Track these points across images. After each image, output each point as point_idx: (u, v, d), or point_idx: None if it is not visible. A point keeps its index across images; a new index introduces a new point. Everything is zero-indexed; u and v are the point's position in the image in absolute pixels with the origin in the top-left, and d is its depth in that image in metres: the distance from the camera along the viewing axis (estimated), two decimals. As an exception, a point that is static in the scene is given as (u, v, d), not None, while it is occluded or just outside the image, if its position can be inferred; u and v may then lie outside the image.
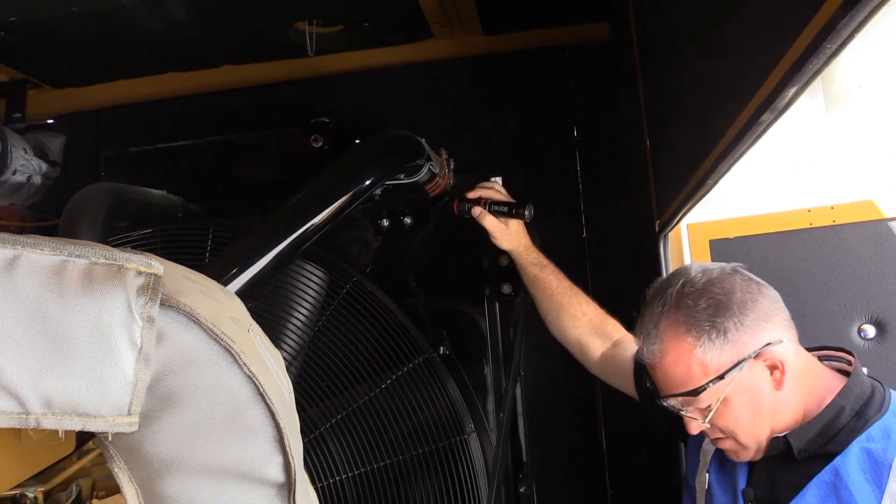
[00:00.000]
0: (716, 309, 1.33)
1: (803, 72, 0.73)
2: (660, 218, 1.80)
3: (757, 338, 1.32)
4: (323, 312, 1.82)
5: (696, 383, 1.34)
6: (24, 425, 0.67)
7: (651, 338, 1.39)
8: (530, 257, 1.87)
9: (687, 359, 1.34)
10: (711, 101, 1.14)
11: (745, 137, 0.93)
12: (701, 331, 1.33)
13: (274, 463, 0.78)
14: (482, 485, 1.76)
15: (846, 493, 1.26)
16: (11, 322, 0.67)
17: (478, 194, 1.90)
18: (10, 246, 0.69)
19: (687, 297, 1.36)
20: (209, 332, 0.75)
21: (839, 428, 1.31)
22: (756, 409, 1.35)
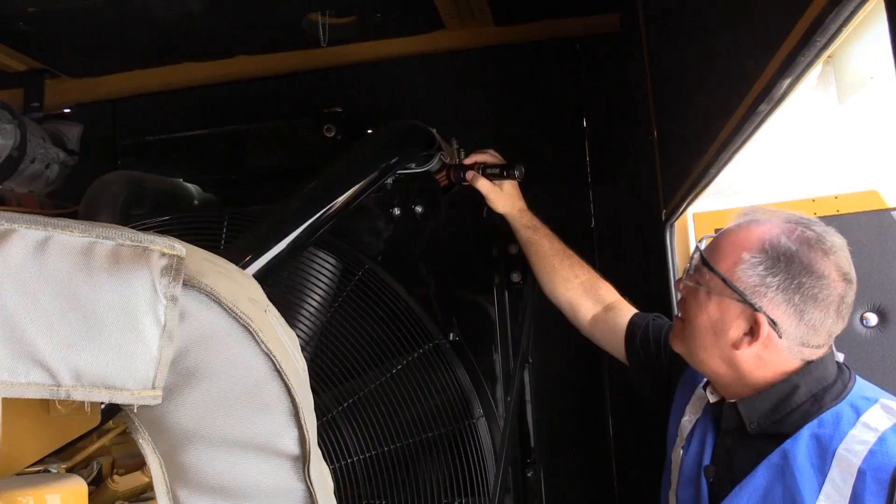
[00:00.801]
0: (797, 258, 1.30)
1: (796, 63, 0.75)
2: (666, 207, 1.83)
3: (774, 307, 1.30)
4: (335, 299, 1.86)
5: (716, 264, 1.36)
6: (55, 396, 0.71)
7: (752, 217, 1.39)
8: (524, 220, 1.90)
9: (736, 251, 1.34)
10: (714, 92, 1.16)
11: (744, 127, 0.96)
12: (766, 254, 1.31)
13: (289, 436, 0.82)
14: (490, 468, 1.80)
15: (791, 478, 1.26)
16: (44, 299, 0.71)
17: (472, 160, 1.94)
18: (41, 228, 0.73)
19: (797, 234, 1.32)
20: (229, 310, 0.78)
21: (792, 408, 1.31)
22: (713, 332, 1.37)
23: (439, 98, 2.30)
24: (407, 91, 2.31)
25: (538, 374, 2.17)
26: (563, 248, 1.89)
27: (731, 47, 1.03)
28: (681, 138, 1.59)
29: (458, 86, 2.33)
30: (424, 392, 1.80)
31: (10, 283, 0.70)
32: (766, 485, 1.30)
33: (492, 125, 2.29)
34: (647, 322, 1.76)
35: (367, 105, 2.24)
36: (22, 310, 0.70)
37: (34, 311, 0.70)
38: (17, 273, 0.70)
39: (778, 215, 1.37)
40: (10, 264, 0.70)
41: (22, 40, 2.34)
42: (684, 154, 1.49)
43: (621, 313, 1.80)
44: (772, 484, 1.29)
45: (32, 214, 0.74)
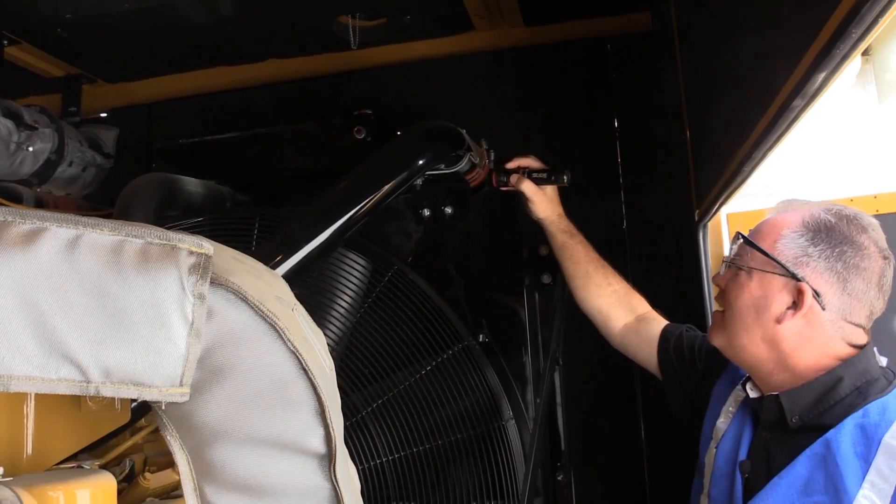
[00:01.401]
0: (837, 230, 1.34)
1: (831, 56, 0.73)
2: (699, 207, 1.80)
3: (817, 276, 1.33)
4: (365, 300, 1.86)
5: (760, 243, 1.39)
6: (84, 392, 0.72)
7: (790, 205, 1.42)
8: (562, 225, 1.91)
9: (777, 229, 1.38)
10: (747, 88, 1.14)
11: (778, 123, 0.94)
12: (806, 227, 1.35)
13: (316, 434, 0.82)
14: (520, 471, 1.79)
15: (833, 466, 1.25)
16: (74, 297, 0.72)
17: (516, 164, 1.94)
18: (72, 226, 0.74)
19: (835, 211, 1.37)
20: (256, 309, 0.79)
21: (836, 400, 1.31)
22: (755, 310, 1.39)
23: (469, 99, 2.30)
24: (436, 92, 2.31)
25: (569, 377, 2.15)
26: (597, 257, 1.89)
27: (765, 42, 1.01)
28: (714, 136, 1.57)
29: (487, 87, 2.32)
30: (454, 393, 1.79)
31: (41, 281, 0.71)
32: (808, 474, 1.29)
33: (522, 126, 2.28)
34: (680, 331, 1.76)
35: (397, 107, 2.25)
36: (53, 307, 0.71)
37: (65, 308, 0.71)
38: (49, 270, 0.71)
39: (814, 203, 1.41)
40: (42, 262, 0.71)
41: (60, 47, 2.39)
42: (717, 152, 1.47)
43: (653, 324, 1.79)
44: (813, 473, 1.28)
45: (64, 213, 0.75)
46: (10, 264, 0.70)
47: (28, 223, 0.72)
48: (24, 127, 2.27)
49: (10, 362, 0.69)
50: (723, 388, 1.59)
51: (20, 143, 2.27)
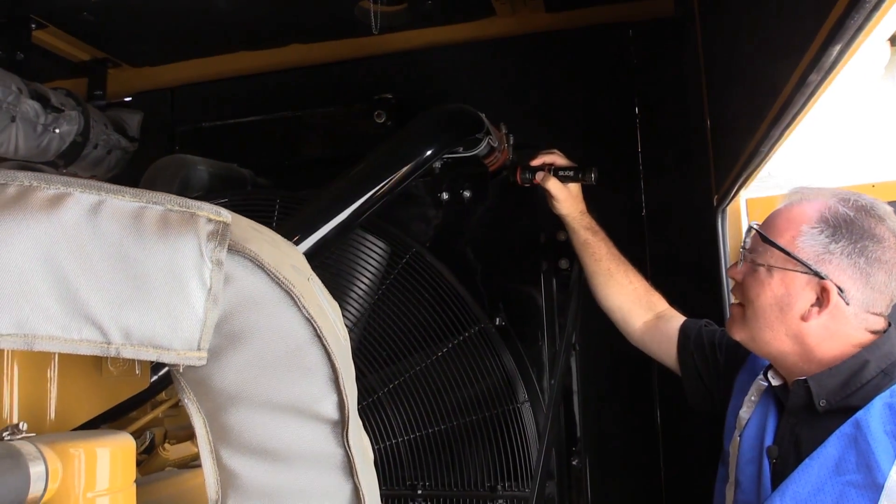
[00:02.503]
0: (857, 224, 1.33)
1: (845, 28, 0.73)
2: (718, 192, 1.79)
3: (840, 272, 1.32)
4: (383, 282, 1.88)
5: (778, 240, 1.37)
6: (105, 353, 0.74)
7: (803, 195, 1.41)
8: (584, 222, 1.90)
9: (794, 225, 1.36)
10: (765, 67, 1.14)
11: (795, 100, 0.94)
12: (826, 223, 1.34)
13: (329, 401, 0.83)
14: (534, 453, 1.80)
15: (865, 444, 1.26)
16: (96, 260, 0.74)
17: (541, 161, 1.93)
18: (95, 192, 0.75)
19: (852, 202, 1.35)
20: (272, 276, 0.80)
21: (863, 383, 1.32)
22: (778, 309, 1.38)
23: (489, 85, 2.30)
24: (457, 78, 2.31)
25: (585, 362, 2.16)
26: (619, 254, 1.88)
27: (782, 20, 1.00)
28: (733, 119, 1.56)
29: (508, 73, 2.32)
30: (469, 375, 1.81)
31: (64, 244, 0.73)
32: (839, 454, 1.29)
33: (542, 112, 2.27)
34: (699, 327, 1.76)
35: (418, 92, 2.25)
36: (75, 269, 0.73)
37: (87, 271, 0.73)
38: (72, 234, 0.73)
39: (826, 191, 1.39)
40: (66, 226, 0.73)
41: (86, 30, 2.42)
42: (736, 134, 1.46)
43: (672, 321, 1.80)
44: (844, 453, 1.28)
45: (87, 179, 0.77)
46: (35, 227, 0.72)
47: (52, 188, 0.74)
48: (50, 109, 2.31)
49: (34, 322, 0.71)
50: (745, 379, 1.59)
51: (47, 124, 2.31)
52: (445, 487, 1.79)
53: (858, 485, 1.25)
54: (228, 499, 0.83)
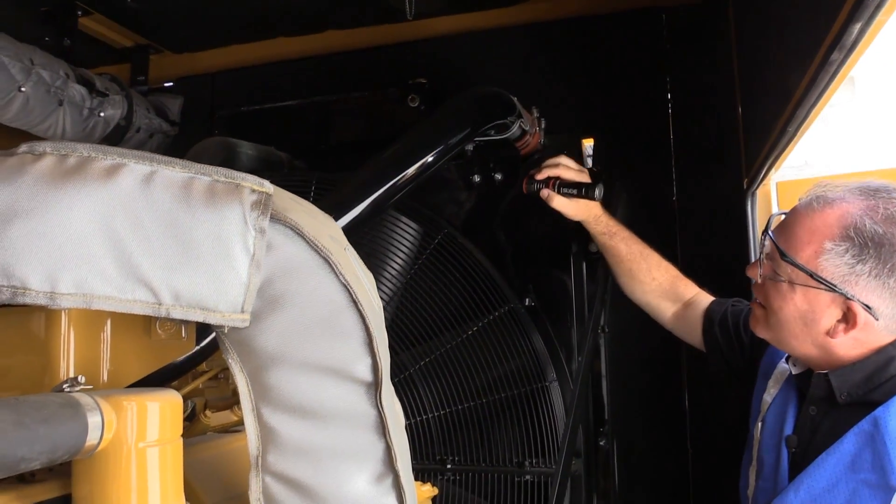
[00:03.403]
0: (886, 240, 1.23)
1: (865, 5, 0.75)
2: (748, 175, 1.80)
3: (868, 292, 1.25)
4: (415, 262, 1.92)
5: (795, 254, 1.30)
6: (156, 314, 0.79)
7: (824, 196, 1.30)
8: (599, 227, 1.86)
9: (816, 239, 1.28)
10: (792, 47, 1.15)
11: (819, 78, 0.95)
12: (851, 241, 1.25)
13: (363, 363, 0.88)
14: (561, 432, 1.83)
15: (881, 444, 1.23)
16: (149, 226, 0.79)
17: (545, 174, 1.87)
18: (148, 162, 0.81)
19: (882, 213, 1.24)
20: (311, 244, 0.85)
21: (887, 377, 1.28)
22: (803, 323, 1.33)
23: (522, 70, 2.32)
24: (490, 63, 2.34)
25: (614, 344, 2.18)
26: (640, 250, 1.84)
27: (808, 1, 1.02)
28: (762, 102, 1.57)
29: (540, 58, 2.34)
30: (499, 353, 1.84)
31: (120, 211, 0.78)
32: (855, 451, 1.27)
33: (574, 96, 2.29)
34: (725, 308, 1.74)
35: (451, 76, 2.29)
36: (130, 235, 0.78)
37: (140, 236, 0.79)
38: (127, 202, 0.78)
39: (852, 191, 1.29)
40: (121, 194, 0.78)
41: (130, 17, 2.50)
42: (765, 116, 1.47)
43: (700, 306, 1.78)
44: (860, 451, 1.26)
45: (140, 151, 0.82)
46: (93, 195, 0.77)
47: (109, 159, 0.80)
48: (96, 94, 2.40)
49: (91, 283, 0.77)
50: (769, 362, 1.59)
51: (93, 108, 2.39)
52: (474, 462, 1.83)
53: (872, 484, 1.23)
54: (268, 454, 0.88)
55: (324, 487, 0.88)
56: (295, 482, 0.88)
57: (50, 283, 0.75)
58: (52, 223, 0.75)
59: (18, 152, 0.79)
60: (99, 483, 0.81)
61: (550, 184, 1.85)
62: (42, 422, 0.71)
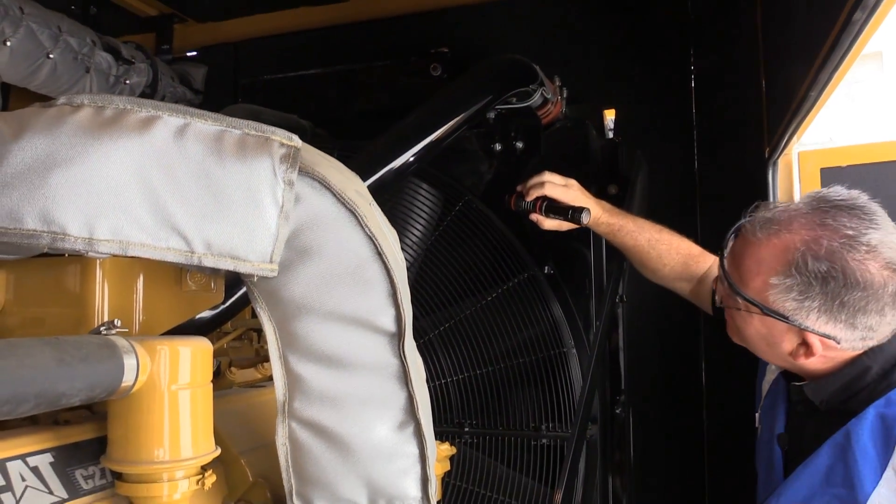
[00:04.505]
0: (832, 277, 1.16)
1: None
2: (769, 144, 1.80)
3: (822, 324, 1.20)
4: (436, 229, 1.94)
5: (745, 286, 1.26)
6: (188, 262, 0.82)
7: (770, 221, 1.24)
8: (601, 229, 1.82)
9: (764, 271, 1.23)
10: (816, 9, 1.15)
11: (841, 40, 0.95)
12: (795, 278, 1.19)
13: (387, 314, 0.90)
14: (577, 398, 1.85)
15: (852, 460, 1.20)
16: (182, 177, 0.81)
17: (532, 196, 1.80)
18: (181, 115, 0.83)
19: (825, 246, 1.17)
20: (338, 196, 0.87)
21: (863, 386, 1.24)
22: (766, 344, 1.31)
23: (545, 39, 2.32)
24: (513, 32, 2.34)
25: (633, 317, 2.19)
26: (647, 240, 1.78)
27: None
28: (786, 68, 1.56)
29: (564, 27, 2.34)
30: (518, 320, 1.86)
31: (154, 162, 0.81)
32: (829, 464, 1.25)
33: (597, 66, 2.29)
34: None
35: (474, 46, 2.29)
36: (164, 185, 0.81)
37: (174, 186, 0.81)
38: (161, 153, 0.81)
39: (799, 214, 1.22)
40: (156, 145, 0.81)
41: (155, -15, 2.52)
42: (788, 83, 1.47)
43: (710, 278, 1.74)
44: (834, 464, 1.24)
45: (174, 104, 0.84)
46: (129, 146, 0.80)
47: (144, 111, 0.82)
48: (122, 61, 2.42)
49: (127, 230, 0.80)
50: None
51: (118, 76, 2.42)
52: (491, 426, 1.86)
53: (843, 499, 1.21)
54: (294, 401, 0.91)
55: (347, 433, 0.91)
56: (320, 428, 0.91)
57: (88, 230, 0.78)
58: (89, 172, 0.78)
59: (58, 104, 0.82)
60: (133, 423, 0.84)
61: (538, 206, 1.80)
62: (81, 360, 0.74)
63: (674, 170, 2.21)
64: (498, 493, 1.80)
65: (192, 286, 1.03)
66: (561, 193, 1.77)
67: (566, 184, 1.78)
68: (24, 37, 2.01)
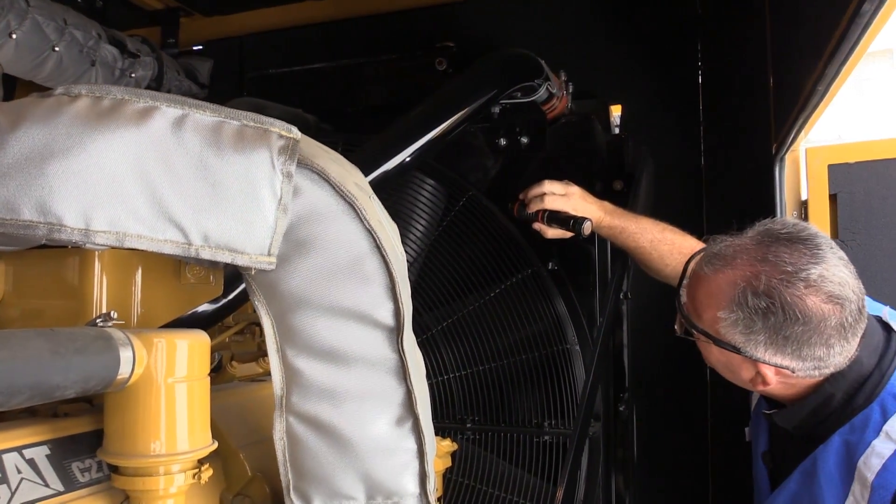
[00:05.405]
0: (771, 313, 1.20)
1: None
2: (776, 140, 1.78)
3: (771, 356, 1.23)
4: (440, 224, 1.93)
5: (698, 317, 1.31)
6: (186, 254, 0.81)
7: (717, 257, 1.28)
8: (602, 232, 1.82)
9: (713, 304, 1.27)
10: (824, 6, 1.13)
11: (849, 34, 0.94)
12: (742, 310, 1.22)
13: (386, 308, 0.90)
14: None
15: (817, 487, 1.23)
16: (179, 168, 0.81)
17: (533, 209, 1.79)
18: (179, 106, 0.83)
19: (764, 283, 1.20)
20: (337, 189, 0.87)
21: (829, 412, 1.26)
22: (728, 371, 1.34)
23: (551, 34, 2.31)
24: (518, 27, 2.33)
25: (637, 315, 2.18)
26: (649, 241, 1.77)
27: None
28: (793, 63, 1.55)
29: (570, 21, 2.33)
30: (521, 316, 1.85)
31: (152, 153, 0.80)
32: (797, 491, 1.29)
33: (604, 62, 2.28)
34: None
35: (479, 40, 2.28)
36: (161, 176, 0.80)
37: (171, 177, 0.81)
38: (159, 144, 0.80)
39: (744, 249, 1.25)
40: (153, 136, 0.80)
41: (160, -21, 2.52)
42: (795, 77, 1.45)
43: None
44: (801, 491, 1.28)
45: (173, 94, 0.84)
46: (126, 137, 0.79)
47: (142, 102, 0.81)
48: (127, 55, 2.42)
49: (124, 222, 0.79)
50: None
51: (124, 69, 2.42)
52: (493, 422, 1.85)
53: None
54: (292, 395, 0.91)
55: (345, 428, 0.90)
56: (317, 422, 0.90)
57: (84, 221, 0.78)
58: (86, 162, 0.78)
59: (55, 94, 0.81)
60: (130, 416, 0.84)
61: (540, 215, 1.78)
62: (76, 352, 0.74)
63: (680, 166, 2.19)
64: (500, 489, 1.79)
65: (190, 279, 1.02)
66: (561, 204, 1.76)
67: (566, 192, 1.77)
68: (29, 29, 2.00)
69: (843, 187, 1.87)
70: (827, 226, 1.96)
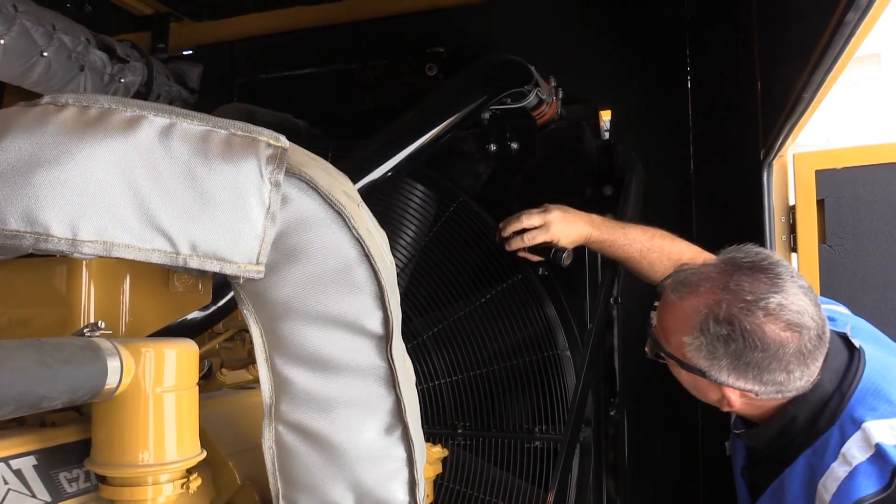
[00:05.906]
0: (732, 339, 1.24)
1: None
2: (764, 145, 1.79)
3: (734, 380, 1.27)
4: (430, 230, 1.93)
5: (666, 340, 1.35)
6: (174, 263, 0.81)
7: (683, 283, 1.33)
8: (592, 245, 1.83)
9: (679, 329, 1.31)
10: (809, 11, 1.15)
11: (834, 41, 0.95)
12: (705, 336, 1.26)
13: (375, 317, 0.90)
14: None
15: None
16: (167, 178, 0.81)
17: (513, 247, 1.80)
18: (166, 115, 0.82)
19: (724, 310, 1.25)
20: (325, 198, 0.87)
21: (794, 435, 1.30)
22: (697, 392, 1.38)
23: (541, 39, 2.31)
24: (508, 32, 2.33)
25: (628, 320, 2.18)
26: (638, 251, 1.77)
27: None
28: (781, 69, 1.56)
29: (560, 27, 2.33)
30: (511, 321, 1.85)
31: (139, 162, 0.80)
32: None
33: (593, 67, 2.28)
34: None
35: (469, 46, 2.28)
36: (149, 185, 0.80)
37: (159, 187, 0.80)
38: (146, 153, 0.80)
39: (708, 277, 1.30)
40: (140, 146, 0.80)
41: (150, -17, 2.51)
42: (783, 84, 1.46)
43: None
44: None
45: (160, 104, 0.84)
46: (113, 146, 0.79)
47: (129, 111, 0.81)
48: (116, 60, 2.41)
49: (112, 231, 0.79)
50: None
51: (113, 74, 2.41)
52: (484, 428, 1.85)
53: None
54: (281, 403, 0.91)
55: (334, 437, 0.90)
56: (306, 431, 0.90)
57: (71, 230, 0.77)
58: (73, 172, 0.77)
59: (42, 103, 0.81)
60: (118, 426, 0.83)
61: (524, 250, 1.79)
62: (63, 362, 0.73)
63: (669, 171, 2.20)
64: (491, 495, 1.79)
65: (179, 288, 1.02)
66: (542, 237, 1.76)
67: (544, 222, 1.76)
68: (17, 35, 1.99)
69: (830, 193, 1.89)
70: (814, 231, 1.98)
